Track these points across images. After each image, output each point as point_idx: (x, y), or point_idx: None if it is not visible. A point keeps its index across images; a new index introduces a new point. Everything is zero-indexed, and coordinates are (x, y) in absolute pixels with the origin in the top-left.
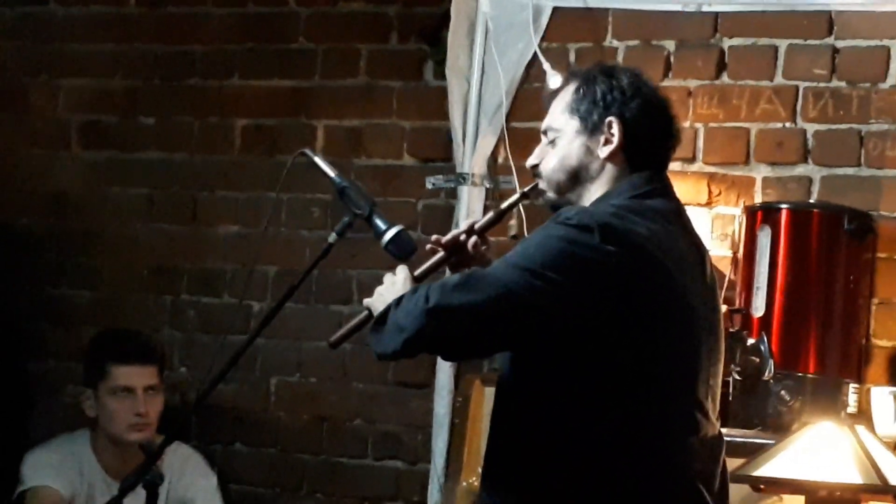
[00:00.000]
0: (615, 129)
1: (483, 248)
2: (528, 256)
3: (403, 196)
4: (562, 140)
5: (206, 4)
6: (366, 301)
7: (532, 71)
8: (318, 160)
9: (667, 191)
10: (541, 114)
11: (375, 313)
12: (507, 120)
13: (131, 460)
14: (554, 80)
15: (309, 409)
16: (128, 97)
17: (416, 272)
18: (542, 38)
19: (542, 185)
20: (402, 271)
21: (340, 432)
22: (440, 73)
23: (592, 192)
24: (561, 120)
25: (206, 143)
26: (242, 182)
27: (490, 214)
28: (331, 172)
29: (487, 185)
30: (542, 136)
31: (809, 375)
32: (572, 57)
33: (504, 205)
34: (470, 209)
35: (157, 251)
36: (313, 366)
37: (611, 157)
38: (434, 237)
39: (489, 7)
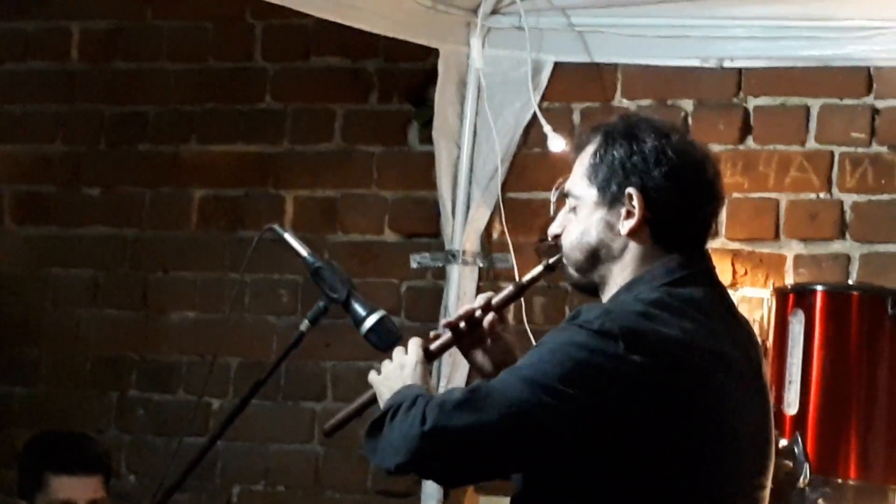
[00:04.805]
0: (636, 202)
1: (500, 327)
2: (541, 368)
3: (385, 276)
4: (581, 210)
5: (160, 59)
6: (371, 377)
7: (531, 134)
8: (287, 236)
9: (705, 275)
10: (541, 182)
11: (380, 398)
12: (503, 190)
13: None
14: (556, 143)
15: None
16: (69, 164)
17: (431, 347)
18: (543, 97)
19: (564, 259)
20: (413, 351)
21: None
22: (426, 137)
23: (616, 274)
24: (580, 187)
25: (159, 216)
26: (201, 261)
27: (509, 289)
28: (302, 250)
29: (481, 264)
30: (565, 200)
31: (851, 482)
32: (577, 118)
33: (525, 278)
34: (461, 291)
35: (103, 341)
36: (281, 472)
37: (633, 234)
38: (444, 320)
39: (482, 62)
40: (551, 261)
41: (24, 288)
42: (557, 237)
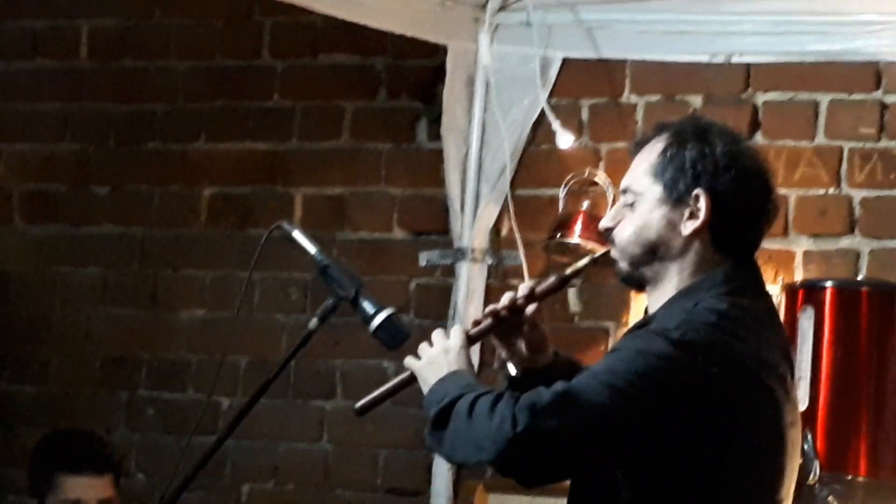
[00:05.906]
0: (702, 204)
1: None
2: (625, 376)
3: (394, 274)
4: (641, 206)
5: (168, 58)
6: (408, 361)
7: (539, 130)
8: (296, 234)
9: (758, 284)
10: (550, 179)
11: (423, 383)
12: (512, 187)
13: None
14: (564, 139)
15: None
16: (78, 163)
17: (471, 332)
18: (551, 94)
19: (614, 253)
20: (457, 335)
21: None
22: (435, 134)
23: (674, 275)
24: (643, 182)
25: (167, 215)
26: (209, 260)
27: (552, 279)
28: (311, 248)
29: (489, 262)
30: (621, 195)
31: (861, 478)
32: (585, 114)
33: (569, 270)
34: (470, 289)
35: (112, 340)
36: (291, 470)
37: (695, 235)
38: (489, 308)
39: (490, 59)
40: (597, 255)
41: (33, 287)
42: (609, 230)
